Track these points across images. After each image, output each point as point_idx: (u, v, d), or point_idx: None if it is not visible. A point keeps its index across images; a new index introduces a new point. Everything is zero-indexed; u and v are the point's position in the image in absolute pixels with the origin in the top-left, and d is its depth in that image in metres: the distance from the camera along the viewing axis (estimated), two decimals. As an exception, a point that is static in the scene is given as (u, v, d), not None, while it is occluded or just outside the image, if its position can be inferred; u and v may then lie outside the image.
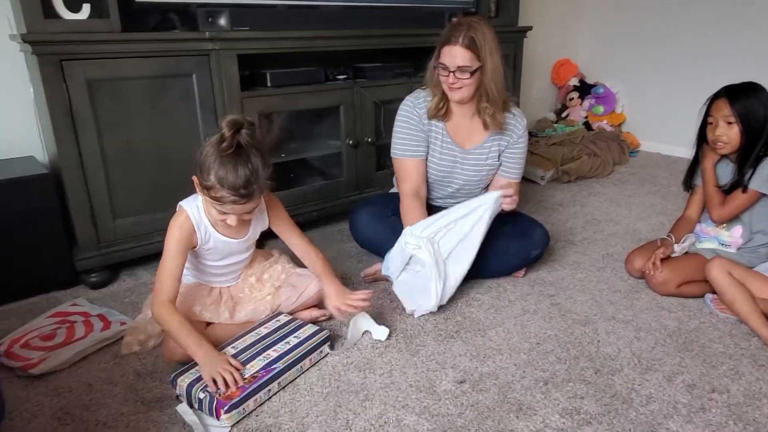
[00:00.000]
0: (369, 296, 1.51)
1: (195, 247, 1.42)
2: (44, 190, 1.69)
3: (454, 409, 1.25)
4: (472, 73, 1.62)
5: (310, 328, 1.46)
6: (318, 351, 1.42)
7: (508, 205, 1.65)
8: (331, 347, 1.46)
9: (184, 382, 1.26)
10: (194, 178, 1.33)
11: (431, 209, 1.90)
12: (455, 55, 1.61)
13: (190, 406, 1.25)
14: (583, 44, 3.86)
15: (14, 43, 1.80)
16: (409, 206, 1.76)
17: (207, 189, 1.28)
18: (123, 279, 1.88)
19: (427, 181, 1.87)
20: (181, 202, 1.41)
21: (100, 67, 1.64)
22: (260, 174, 1.29)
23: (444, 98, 1.72)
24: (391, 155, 1.82)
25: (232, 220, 1.34)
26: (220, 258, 1.49)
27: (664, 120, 3.52)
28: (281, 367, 1.32)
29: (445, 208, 1.93)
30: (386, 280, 1.82)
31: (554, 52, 3.78)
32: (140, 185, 1.80)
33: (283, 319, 1.51)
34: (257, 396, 1.26)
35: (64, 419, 1.23)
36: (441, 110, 1.74)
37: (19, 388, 1.33)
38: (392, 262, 1.67)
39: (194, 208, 1.39)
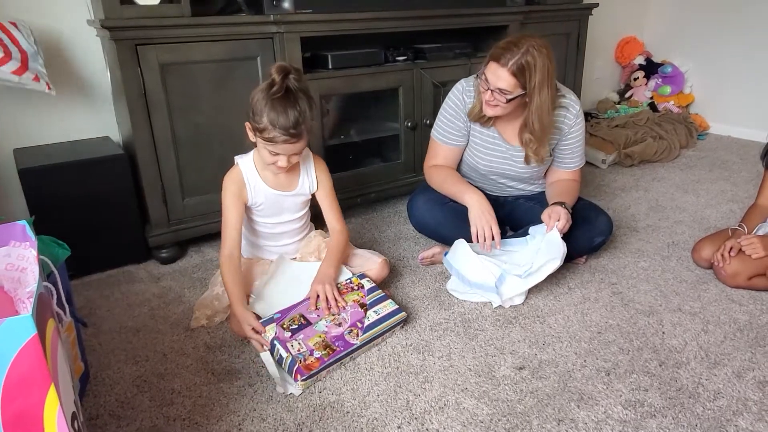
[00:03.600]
0: (341, 310, 1.45)
1: (247, 203, 1.52)
2: (120, 169, 1.78)
3: (513, 395, 1.26)
4: (510, 99, 1.55)
5: (390, 305, 1.48)
6: (392, 331, 1.45)
7: (562, 229, 1.60)
8: (402, 327, 1.49)
9: (270, 332, 1.35)
10: (247, 124, 1.43)
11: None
12: (499, 76, 1.51)
13: (272, 354, 1.33)
14: (650, 21, 3.68)
15: (91, 28, 1.89)
16: (444, 171, 1.80)
17: (260, 131, 1.38)
18: (191, 255, 1.97)
19: (474, 170, 1.86)
20: (237, 156, 1.54)
21: (172, 51, 1.69)
22: (307, 115, 1.38)
23: None
24: (431, 134, 1.85)
25: (282, 161, 1.42)
26: (272, 214, 1.57)
27: (737, 101, 3.33)
28: (358, 344, 1.37)
29: (495, 196, 1.91)
30: (442, 263, 1.83)
31: (619, 29, 3.62)
32: (207, 166, 1.86)
33: (367, 284, 1.54)
34: (331, 368, 1.33)
35: (143, 386, 1.31)
36: (482, 118, 1.69)
37: (101, 356, 1.43)
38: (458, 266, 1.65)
39: (246, 163, 1.52)
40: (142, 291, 1.73)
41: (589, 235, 1.74)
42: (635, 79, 3.59)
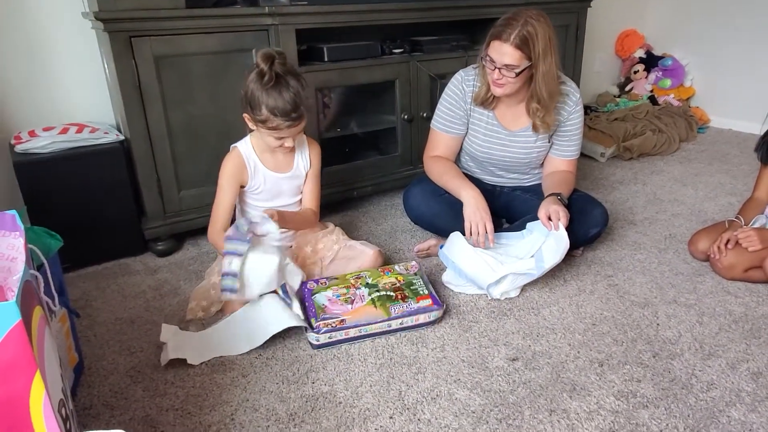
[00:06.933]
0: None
1: (244, 186, 1.56)
2: (116, 161, 1.78)
3: (506, 386, 1.26)
4: (519, 73, 1.56)
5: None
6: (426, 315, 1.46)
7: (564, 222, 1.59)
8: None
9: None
10: (245, 115, 1.47)
11: (482, 186, 1.89)
12: (504, 52, 1.53)
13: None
14: (651, 13, 3.66)
15: (86, 21, 1.89)
16: (443, 163, 1.81)
17: (262, 122, 1.42)
18: (187, 248, 1.97)
19: (473, 158, 1.88)
20: (233, 144, 1.59)
21: (166, 43, 1.69)
22: (302, 94, 1.44)
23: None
24: (431, 124, 1.87)
25: (289, 142, 1.49)
26: (269, 198, 1.60)
27: (738, 94, 3.31)
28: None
29: (492, 186, 1.91)
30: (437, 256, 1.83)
31: (619, 22, 3.60)
32: (203, 158, 1.86)
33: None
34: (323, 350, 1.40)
35: (137, 377, 1.32)
36: (488, 100, 1.72)
37: (96, 347, 1.43)
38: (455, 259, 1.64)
39: (245, 145, 1.56)
40: (137, 283, 1.74)
41: (584, 226, 1.73)
42: (635, 72, 3.57)
